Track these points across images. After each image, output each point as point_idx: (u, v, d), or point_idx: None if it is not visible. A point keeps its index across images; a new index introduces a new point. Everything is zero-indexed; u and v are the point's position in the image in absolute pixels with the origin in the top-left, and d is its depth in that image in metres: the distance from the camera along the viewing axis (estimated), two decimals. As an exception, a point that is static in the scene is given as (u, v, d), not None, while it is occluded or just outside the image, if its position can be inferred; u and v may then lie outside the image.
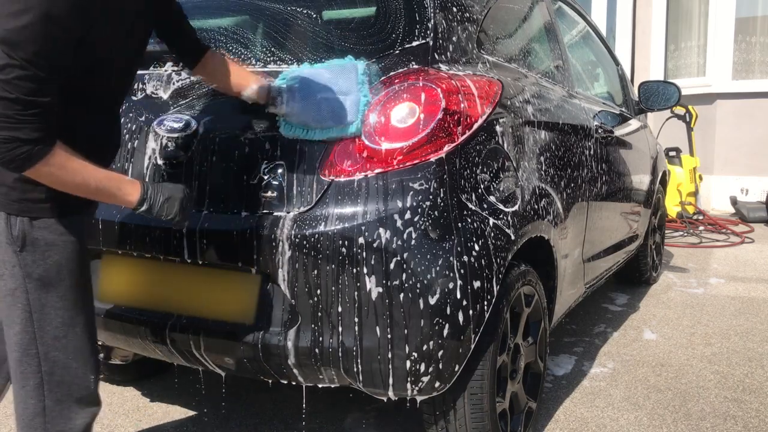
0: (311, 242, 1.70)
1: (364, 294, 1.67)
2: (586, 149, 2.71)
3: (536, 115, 2.27)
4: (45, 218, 1.41)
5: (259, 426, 2.32)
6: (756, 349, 3.08)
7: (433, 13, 1.90)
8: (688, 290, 4.17)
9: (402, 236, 1.66)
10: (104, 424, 2.33)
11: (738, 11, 7.35)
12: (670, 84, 3.90)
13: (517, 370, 2.09)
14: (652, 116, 7.26)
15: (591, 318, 3.58)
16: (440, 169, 1.72)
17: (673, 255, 5.23)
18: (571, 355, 3.01)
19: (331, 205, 1.72)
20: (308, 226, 1.71)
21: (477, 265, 1.74)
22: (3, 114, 1.21)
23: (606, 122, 3.07)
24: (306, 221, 1.72)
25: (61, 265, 1.44)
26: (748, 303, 3.86)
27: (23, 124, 1.22)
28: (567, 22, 3.29)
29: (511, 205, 1.95)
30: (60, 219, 1.43)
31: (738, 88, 7.32)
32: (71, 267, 1.46)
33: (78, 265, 1.47)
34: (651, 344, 3.16)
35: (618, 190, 3.17)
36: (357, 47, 1.87)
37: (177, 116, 1.91)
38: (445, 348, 1.69)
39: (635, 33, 8.12)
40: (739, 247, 5.48)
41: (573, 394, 2.59)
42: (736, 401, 2.51)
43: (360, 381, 1.74)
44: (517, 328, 2.07)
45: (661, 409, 2.45)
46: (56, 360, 1.47)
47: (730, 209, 7.15)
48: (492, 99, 1.95)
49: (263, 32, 2.09)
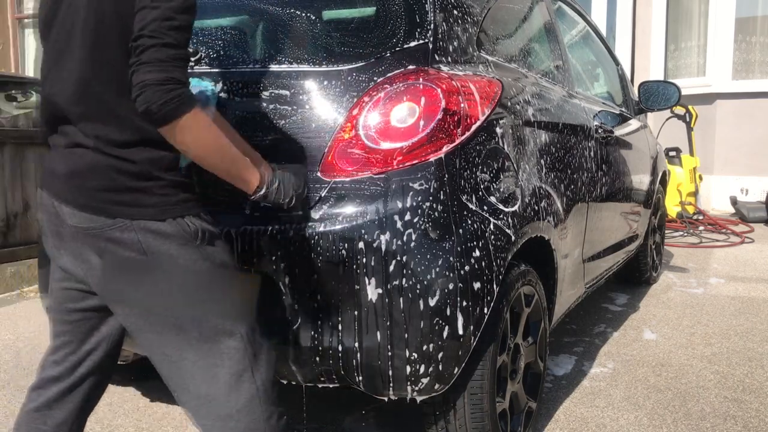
0: (311, 242, 1.70)
1: (363, 294, 1.67)
2: (586, 149, 2.71)
3: (536, 116, 2.27)
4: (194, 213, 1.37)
5: (259, 426, 2.31)
6: (756, 349, 3.08)
7: (433, 14, 1.89)
8: (688, 290, 4.17)
9: (402, 237, 1.66)
10: (104, 424, 2.33)
11: (738, 11, 7.35)
12: (670, 84, 3.90)
13: (517, 370, 2.09)
14: (652, 116, 7.26)
15: (591, 318, 3.58)
16: (440, 169, 1.72)
17: (673, 255, 5.23)
18: (571, 355, 3.01)
19: (330, 206, 1.72)
20: (308, 226, 1.71)
21: (477, 266, 1.74)
22: (161, 58, 1.20)
23: (606, 122, 3.07)
24: (306, 221, 1.72)
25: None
26: (748, 303, 3.86)
27: (178, 68, 1.22)
28: (567, 22, 3.29)
29: (511, 205, 1.95)
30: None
31: (738, 88, 7.32)
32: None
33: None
34: (651, 344, 3.16)
35: (618, 190, 3.17)
36: (357, 48, 1.86)
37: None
38: (444, 349, 1.69)
39: (635, 33, 8.12)
40: (739, 247, 5.48)
41: (573, 394, 2.59)
42: (736, 401, 2.51)
43: (360, 381, 1.74)
44: (517, 328, 2.07)
45: (661, 409, 2.45)
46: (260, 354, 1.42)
47: (730, 209, 7.15)
48: (492, 99, 1.95)
49: (262, 33, 2.09)
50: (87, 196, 1.29)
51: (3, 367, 2.89)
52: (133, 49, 1.21)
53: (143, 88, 1.19)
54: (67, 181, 1.31)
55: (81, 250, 1.32)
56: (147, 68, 1.19)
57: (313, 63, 1.87)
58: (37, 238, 4.43)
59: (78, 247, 1.32)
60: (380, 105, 1.75)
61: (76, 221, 1.30)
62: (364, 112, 1.74)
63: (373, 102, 1.75)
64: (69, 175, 1.31)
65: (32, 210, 4.38)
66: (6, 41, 11.03)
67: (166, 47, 1.20)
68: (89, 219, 1.29)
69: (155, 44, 1.20)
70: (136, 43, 1.21)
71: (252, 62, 1.98)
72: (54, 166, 1.34)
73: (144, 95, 1.19)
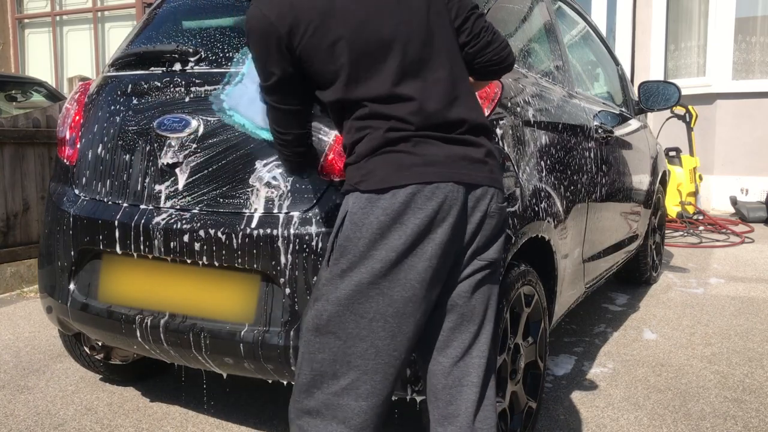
0: (311, 242, 1.70)
1: (364, 294, 1.66)
2: (586, 149, 2.71)
3: (536, 116, 2.27)
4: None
5: (259, 426, 2.32)
6: (756, 349, 3.09)
7: (433, 14, 1.89)
8: (688, 290, 4.18)
9: (402, 236, 1.66)
10: (104, 424, 2.33)
11: (738, 11, 7.35)
12: (670, 84, 3.90)
13: (517, 370, 2.09)
14: (652, 116, 7.27)
15: (591, 318, 3.58)
16: (440, 169, 1.72)
17: (673, 255, 5.23)
18: (571, 355, 3.01)
19: (330, 206, 1.72)
20: (308, 226, 1.71)
21: (477, 266, 1.74)
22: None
23: (606, 122, 3.07)
24: (306, 221, 1.72)
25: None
26: (748, 303, 3.86)
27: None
28: (567, 22, 3.29)
29: (511, 205, 1.95)
30: None
31: (738, 88, 7.32)
32: None
33: None
34: (651, 344, 3.16)
35: (618, 190, 3.18)
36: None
37: (177, 117, 1.91)
38: (445, 348, 1.69)
39: (635, 33, 8.12)
40: (739, 247, 5.48)
41: (573, 394, 2.59)
42: (736, 401, 2.51)
43: (360, 381, 1.74)
44: (517, 328, 2.07)
45: (661, 409, 2.45)
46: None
47: (730, 209, 7.16)
48: (492, 99, 1.95)
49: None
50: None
51: (3, 367, 2.89)
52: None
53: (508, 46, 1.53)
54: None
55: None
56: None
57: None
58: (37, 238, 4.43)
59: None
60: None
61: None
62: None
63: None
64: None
65: (32, 210, 4.38)
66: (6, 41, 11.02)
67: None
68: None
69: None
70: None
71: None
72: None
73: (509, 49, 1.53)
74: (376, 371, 1.35)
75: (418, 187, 1.32)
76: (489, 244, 1.43)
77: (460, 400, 1.44)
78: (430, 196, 1.32)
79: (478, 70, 1.52)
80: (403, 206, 1.31)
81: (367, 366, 1.34)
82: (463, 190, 1.36)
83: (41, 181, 4.44)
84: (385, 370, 1.35)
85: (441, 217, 1.33)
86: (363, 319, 1.33)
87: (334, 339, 1.34)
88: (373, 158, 1.35)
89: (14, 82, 6.27)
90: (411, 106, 1.36)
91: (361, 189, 1.34)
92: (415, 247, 1.32)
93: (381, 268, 1.31)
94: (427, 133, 1.36)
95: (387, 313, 1.33)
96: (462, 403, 1.43)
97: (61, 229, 2.11)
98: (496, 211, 1.42)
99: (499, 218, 1.43)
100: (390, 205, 1.31)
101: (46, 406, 2.49)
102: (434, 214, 1.32)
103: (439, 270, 1.36)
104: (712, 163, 7.41)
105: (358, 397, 1.34)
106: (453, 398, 1.44)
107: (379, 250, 1.31)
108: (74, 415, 2.42)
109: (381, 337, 1.34)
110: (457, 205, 1.35)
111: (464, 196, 1.36)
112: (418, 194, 1.32)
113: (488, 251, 1.43)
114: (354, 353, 1.34)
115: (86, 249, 2.07)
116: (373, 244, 1.31)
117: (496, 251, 1.45)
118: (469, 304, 1.43)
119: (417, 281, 1.33)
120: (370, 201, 1.33)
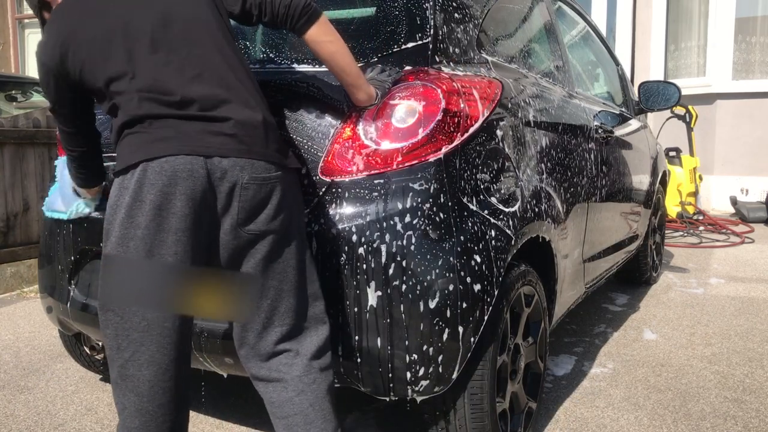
0: (311, 242, 1.70)
1: (363, 295, 1.67)
2: (586, 150, 2.72)
3: (536, 116, 2.27)
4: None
5: (259, 426, 2.32)
6: (756, 349, 3.09)
7: (433, 14, 1.90)
8: (688, 290, 4.18)
9: (402, 237, 1.66)
10: (104, 424, 2.33)
11: (738, 11, 7.35)
12: (670, 84, 3.90)
13: (517, 370, 2.09)
14: (652, 116, 7.27)
15: (591, 318, 3.58)
16: (440, 169, 1.72)
17: (673, 255, 5.23)
18: (571, 355, 3.01)
19: (330, 206, 1.72)
20: (307, 226, 1.71)
21: (477, 267, 1.74)
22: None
23: (606, 122, 3.07)
24: (305, 221, 1.72)
25: None
26: (748, 303, 3.86)
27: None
28: (567, 22, 3.29)
29: (511, 205, 1.95)
30: None
31: (738, 88, 7.32)
32: None
33: None
34: (651, 344, 3.16)
35: (618, 190, 3.18)
36: (357, 48, 1.87)
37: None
38: (444, 350, 1.69)
39: (635, 33, 8.12)
40: (739, 247, 5.48)
41: (573, 394, 2.59)
42: (736, 401, 2.51)
43: (360, 382, 1.74)
44: (517, 329, 2.07)
45: (661, 409, 2.45)
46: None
47: (730, 209, 7.16)
48: (492, 99, 1.95)
49: (263, 34, 2.09)
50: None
51: (3, 367, 2.89)
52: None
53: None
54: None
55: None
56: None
57: (313, 63, 1.87)
58: (37, 239, 4.43)
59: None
60: (380, 105, 1.75)
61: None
62: (364, 112, 1.75)
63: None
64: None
65: (32, 210, 4.38)
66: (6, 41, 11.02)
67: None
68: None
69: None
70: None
71: (253, 63, 1.98)
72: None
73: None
74: (151, 342, 1.45)
75: (148, 163, 1.40)
76: (253, 215, 1.48)
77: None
78: (159, 170, 1.40)
79: (296, 31, 1.61)
80: (138, 184, 1.40)
81: (143, 338, 1.45)
82: (201, 161, 1.41)
83: (41, 181, 4.44)
84: (158, 340, 1.46)
85: (175, 189, 1.40)
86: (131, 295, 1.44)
87: (113, 315, 1.46)
88: (119, 143, 1.48)
89: (14, 82, 6.26)
90: (142, 88, 1.44)
91: (113, 174, 1.47)
92: (161, 222, 1.40)
93: (135, 246, 1.39)
94: (163, 111, 1.44)
95: (150, 287, 1.43)
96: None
97: (62, 230, 2.11)
98: (251, 182, 1.46)
99: (258, 189, 1.47)
100: (130, 185, 1.42)
101: (46, 407, 2.49)
102: (167, 187, 1.39)
103: (193, 241, 1.43)
104: (712, 163, 7.41)
105: (141, 366, 1.46)
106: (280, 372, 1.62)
107: (128, 230, 1.41)
108: (74, 415, 2.42)
109: (149, 310, 1.44)
110: (195, 177, 1.41)
111: (204, 167, 1.41)
112: (149, 170, 1.40)
113: (255, 222, 1.49)
114: (130, 327, 1.45)
115: (86, 249, 2.07)
116: (124, 224, 1.41)
117: (264, 222, 1.49)
118: (270, 282, 1.54)
119: (170, 255, 1.41)
120: (120, 184, 1.45)
